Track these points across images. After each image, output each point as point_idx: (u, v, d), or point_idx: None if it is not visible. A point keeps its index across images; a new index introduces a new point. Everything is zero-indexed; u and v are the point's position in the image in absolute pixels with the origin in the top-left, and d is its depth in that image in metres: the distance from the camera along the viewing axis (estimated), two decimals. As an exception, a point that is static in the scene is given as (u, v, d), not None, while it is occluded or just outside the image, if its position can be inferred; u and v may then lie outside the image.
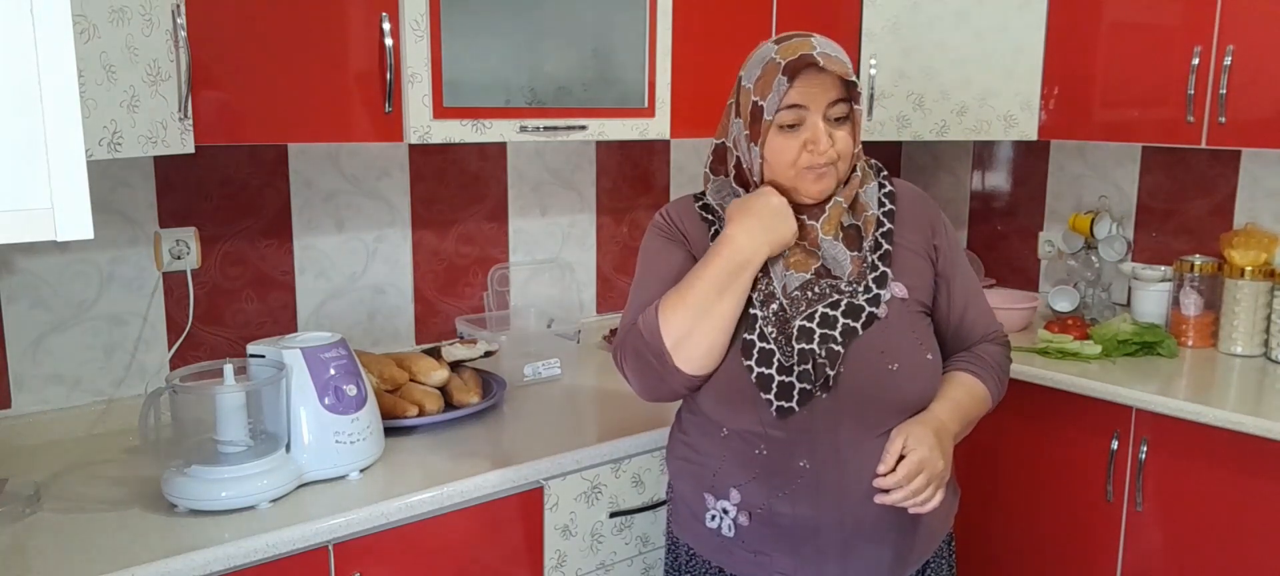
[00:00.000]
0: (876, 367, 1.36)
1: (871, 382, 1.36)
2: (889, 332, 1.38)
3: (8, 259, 1.76)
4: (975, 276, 1.54)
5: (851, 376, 1.36)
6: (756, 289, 1.38)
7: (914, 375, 1.39)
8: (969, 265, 1.52)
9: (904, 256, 1.43)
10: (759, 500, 1.40)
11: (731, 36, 2.24)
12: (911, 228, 1.45)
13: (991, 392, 1.48)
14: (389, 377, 1.86)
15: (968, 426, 1.46)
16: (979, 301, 1.51)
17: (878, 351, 1.37)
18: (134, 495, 1.55)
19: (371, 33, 1.74)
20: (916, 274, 1.43)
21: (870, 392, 1.36)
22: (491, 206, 2.36)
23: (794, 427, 1.37)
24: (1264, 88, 2.15)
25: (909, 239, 1.44)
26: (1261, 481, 1.98)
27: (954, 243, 1.50)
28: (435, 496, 1.58)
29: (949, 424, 1.39)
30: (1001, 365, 1.51)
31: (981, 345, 1.50)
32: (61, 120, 0.99)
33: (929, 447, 1.33)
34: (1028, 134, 2.54)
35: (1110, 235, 2.73)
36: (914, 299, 1.42)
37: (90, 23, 1.33)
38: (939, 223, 1.48)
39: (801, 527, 1.39)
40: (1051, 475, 2.32)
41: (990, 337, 1.52)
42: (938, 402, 1.41)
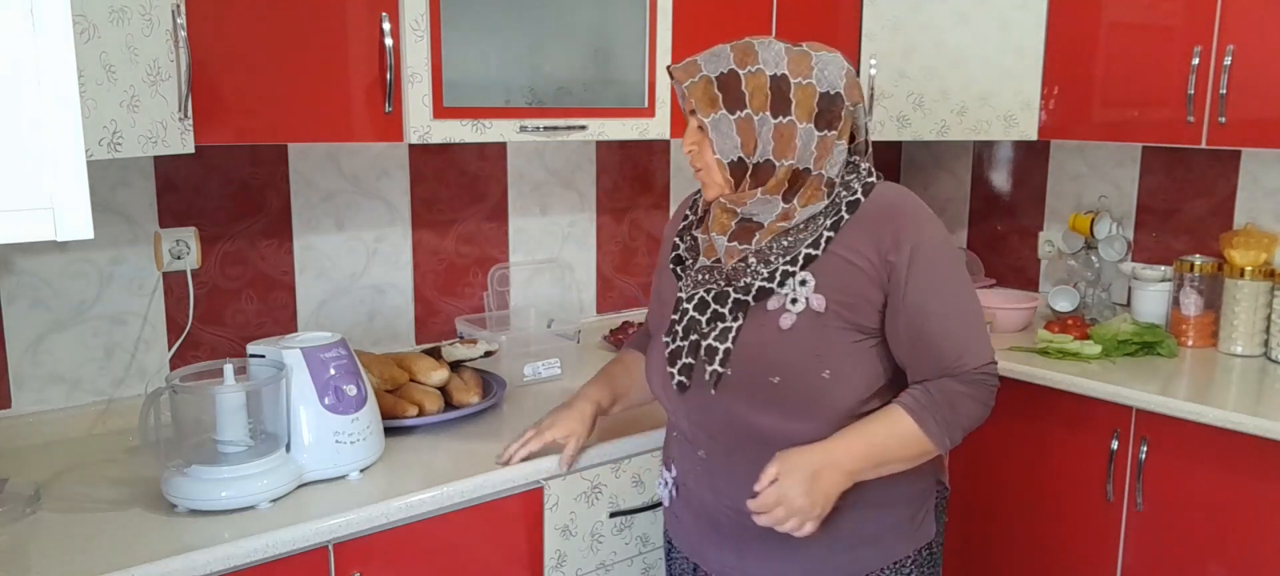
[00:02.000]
0: (760, 377, 1.37)
1: (754, 390, 1.38)
2: (784, 344, 1.36)
3: (8, 259, 1.76)
4: (960, 302, 1.38)
5: (737, 381, 1.39)
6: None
7: (798, 393, 1.36)
8: (952, 291, 1.38)
9: (838, 268, 1.36)
10: (681, 478, 1.53)
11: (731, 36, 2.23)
12: (862, 240, 1.36)
13: (929, 432, 1.35)
14: (389, 377, 1.86)
15: (882, 466, 1.37)
16: (946, 329, 1.36)
17: (765, 361, 1.37)
18: (134, 495, 1.55)
19: (371, 33, 1.74)
20: (850, 290, 1.35)
21: (753, 401, 1.39)
22: (491, 206, 2.36)
23: (694, 418, 1.46)
24: (1264, 88, 2.15)
25: (854, 251, 1.36)
26: (1261, 481, 1.98)
27: (922, 262, 1.35)
28: (435, 496, 1.58)
29: (842, 460, 1.34)
30: (954, 403, 1.36)
31: (942, 380, 1.37)
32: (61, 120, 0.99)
33: (795, 483, 1.33)
34: (1028, 134, 2.54)
35: (1110, 235, 2.73)
36: (835, 313, 1.35)
37: (90, 23, 1.33)
38: (904, 239, 1.35)
39: (706, 511, 1.49)
40: (1051, 475, 2.32)
41: (956, 371, 1.37)
42: (844, 435, 1.36)
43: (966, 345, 1.37)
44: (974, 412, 1.39)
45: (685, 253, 1.53)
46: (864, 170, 1.43)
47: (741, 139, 1.36)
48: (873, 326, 1.38)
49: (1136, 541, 2.19)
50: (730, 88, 1.35)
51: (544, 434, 1.67)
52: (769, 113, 1.35)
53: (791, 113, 1.35)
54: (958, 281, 1.40)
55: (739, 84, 1.35)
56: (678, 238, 1.56)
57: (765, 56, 1.36)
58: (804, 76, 1.36)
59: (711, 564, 1.52)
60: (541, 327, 2.29)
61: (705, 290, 1.43)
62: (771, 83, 1.35)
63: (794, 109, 1.35)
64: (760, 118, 1.35)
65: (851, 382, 1.37)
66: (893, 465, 1.38)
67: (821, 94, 1.36)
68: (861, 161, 1.45)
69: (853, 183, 1.41)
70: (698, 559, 1.55)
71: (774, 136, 1.35)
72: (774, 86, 1.35)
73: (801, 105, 1.35)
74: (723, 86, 1.36)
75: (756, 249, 1.39)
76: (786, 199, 1.38)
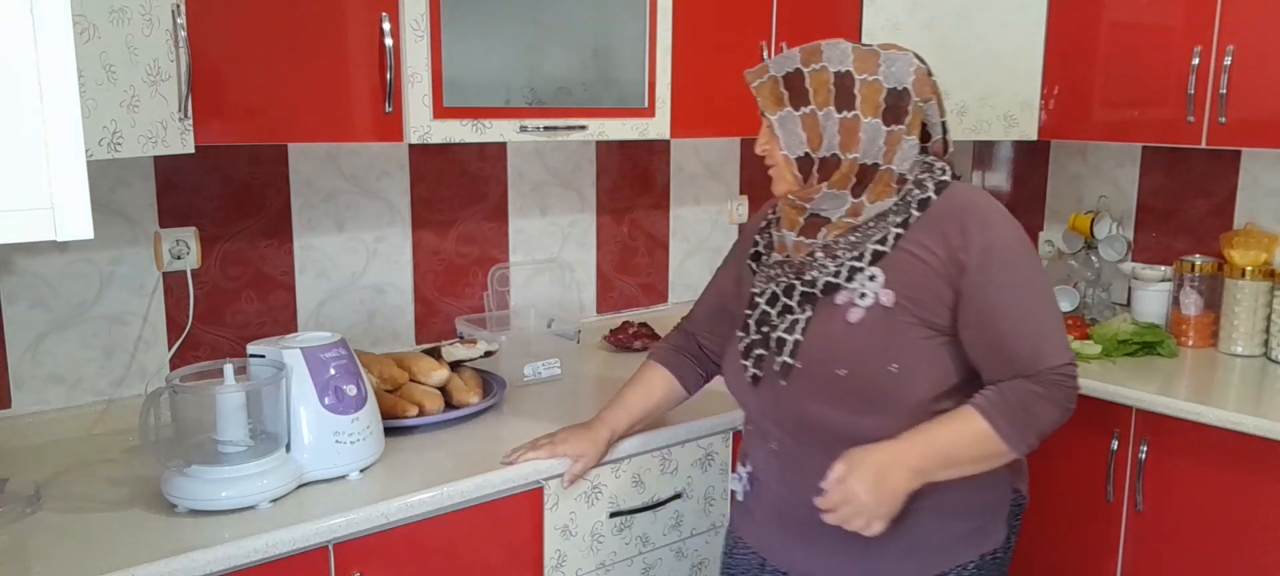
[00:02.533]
0: (827, 370, 1.39)
1: (821, 383, 1.40)
2: (852, 338, 1.38)
3: (8, 259, 1.76)
4: (1034, 301, 1.37)
5: (805, 373, 1.42)
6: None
7: (865, 385, 1.37)
8: (1027, 290, 1.37)
9: (907, 264, 1.38)
10: (756, 472, 1.56)
11: (731, 37, 2.24)
12: (932, 237, 1.37)
13: (1001, 433, 1.34)
14: (389, 377, 1.86)
15: (952, 466, 1.36)
16: (1020, 330, 1.35)
17: (833, 354, 1.39)
18: (134, 495, 1.55)
19: (371, 33, 1.74)
20: (920, 286, 1.36)
21: (822, 393, 1.41)
22: (491, 206, 2.36)
23: (767, 410, 1.49)
24: (1264, 88, 2.15)
25: (924, 248, 1.37)
26: (1261, 481, 1.98)
27: (995, 262, 1.35)
28: (435, 496, 1.58)
29: (908, 459, 1.34)
30: (1029, 404, 1.35)
31: (1016, 381, 1.36)
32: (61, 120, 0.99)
33: (860, 481, 1.32)
34: (1028, 134, 2.54)
35: (1110, 235, 2.73)
36: (904, 308, 1.36)
37: (90, 23, 1.33)
38: (973, 236, 1.35)
39: (778, 505, 1.52)
40: (1051, 475, 2.32)
41: (1031, 372, 1.35)
42: (912, 434, 1.35)
43: (1042, 345, 1.36)
44: (1051, 415, 1.37)
45: (763, 249, 1.57)
46: (938, 169, 1.44)
47: (806, 134, 1.39)
48: (943, 324, 1.38)
49: (1136, 541, 2.19)
50: (795, 85, 1.39)
51: (557, 448, 1.69)
52: (833, 107, 1.38)
53: (856, 107, 1.37)
54: (1033, 281, 1.38)
55: (803, 81, 1.39)
56: (758, 235, 1.60)
57: (831, 55, 1.39)
58: (870, 73, 1.38)
59: (780, 558, 1.54)
60: (541, 327, 2.29)
61: (776, 284, 1.47)
62: (835, 78, 1.38)
63: (859, 104, 1.37)
64: (825, 113, 1.38)
65: (919, 378, 1.37)
66: (964, 466, 1.37)
67: (889, 90, 1.38)
68: (936, 161, 1.45)
69: (925, 181, 1.41)
70: (767, 553, 1.56)
71: (839, 130, 1.38)
72: (838, 82, 1.38)
73: (867, 100, 1.37)
74: (788, 84, 1.40)
75: (824, 244, 1.42)
76: (855, 194, 1.40)
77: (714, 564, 2.01)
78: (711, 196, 2.77)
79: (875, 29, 2.53)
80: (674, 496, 1.91)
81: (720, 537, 2.01)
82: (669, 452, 1.88)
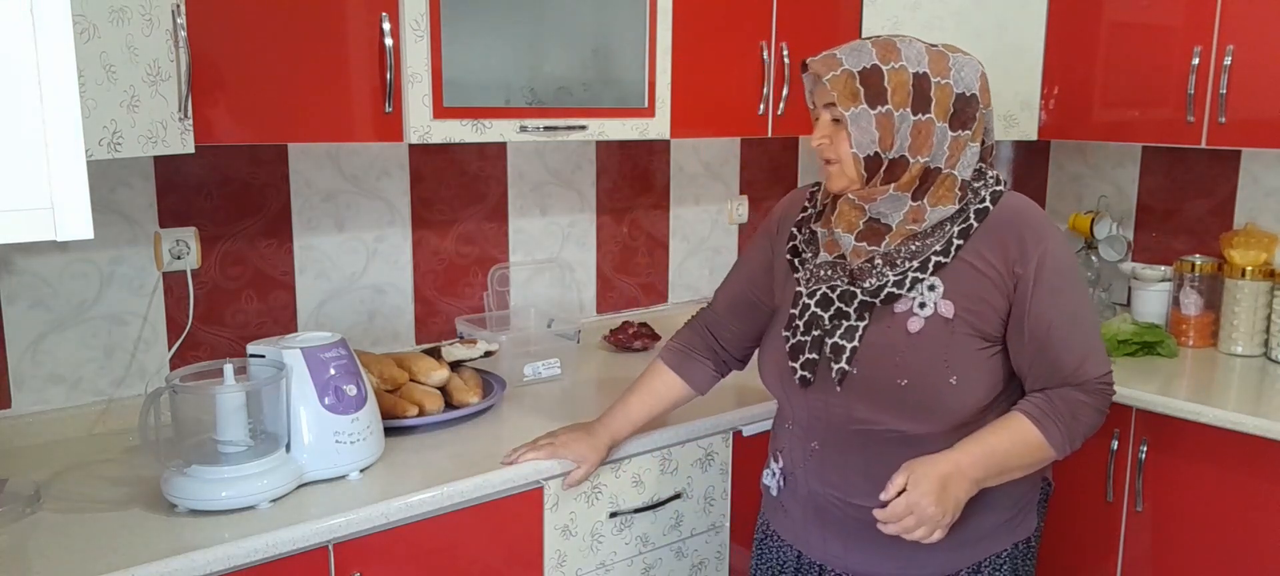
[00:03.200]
0: (887, 379, 1.40)
1: (880, 391, 1.41)
2: (914, 347, 1.38)
3: (8, 259, 1.76)
4: (1081, 313, 1.40)
5: (863, 379, 1.41)
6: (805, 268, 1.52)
7: (925, 396, 1.39)
8: (1073, 301, 1.40)
9: (966, 275, 1.38)
10: (791, 468, 1.56)
11: (731, 36, 2.24)
12: (991, 248, 1.38)
13: (1051, 439, 1.38)
14: (389, 377, 1.86)
15: (1005, 473, 1.39)
16: (1069, 340, 1.38)
17: (893, 363, 1.39)
18: (134, 495, 1.55)
19: (371, 33, 1.74)
20: (977, 298, 1.38)
21: (877, 401, 1.41)
22: (491, 206, 2.36)
23: (815, 412, 1.48)
24: (1264, 88, 2.15)
25: (982, 259, 1.38)
26: (1261, 481, 1.98)
27: (1047, 274, 1.37)
28: (435, 496, 1.58)
29: (968, 469, 1.35)
30: (1075, 412, 1.39)
31: (1062, 388, 1.39)
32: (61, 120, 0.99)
33: (925, 492, 1.33)
34: (1028, 134, 2.54)
35: (1110, 235, 2.73)
36: (962, 320, 1.38)
37: (90, 23, 1.33)
38: (1030, 250, 1.37)
39: (815, 501, 1.53)
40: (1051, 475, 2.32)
41: (1077, 380, 1.39)
42: (969, 443, 1.37)
43: (1087, 355, 1.40)
44: (1093, 421, 1.42)
45: (802, 245, 1.54)
46: (991, 177, 1.45)
47: (880, 133, 1.37)
48: (997, 334, 1.40)
49: (1136, 541, 2.19)
50: (872, 82, 1.36)
51: (558, 450, 1.69)
52: (909, 109, 1.36)
53: (931, 111, 1.37)
54: (1079, 293, 1.42)
55: (882, 79, 1.36)
56: (795, 228, 1.57)
57: (908, 54, 1.38)
58: (943, 76, 1.38)
59: (816, 552, 1.56)
60: (541, 327, 2.29)
61: (828, 287, 1.45)
62: (914, 80, 1.36)
63: (933, 107, 1.37)
64: (901, 114, 1.36)
65: (975, 388, 1.39)
66: (1014, 471, 1.40)
67: (958, 95, 1.38)
68: (988, 169, 1.46)
69: (981, 190, 1.42)
70: (802, 547, 1.58)
71: (912, 133, 1.37)
72: (916, 83, 1.36)
73: (939, 104, 1.37)
74: (865, 81, 1.36)
75: (884, 251, 1.41)
76: (915, 197, 1.40)
77: (715, 563, 2.01)
78: (711, 196, 2.77)
79: (875, 29, 2.52)
80: (674, 496, 1.91)
81: (721, 537, 2.01)
82: (669, 453, 1.88)
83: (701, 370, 1.73)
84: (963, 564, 1.48)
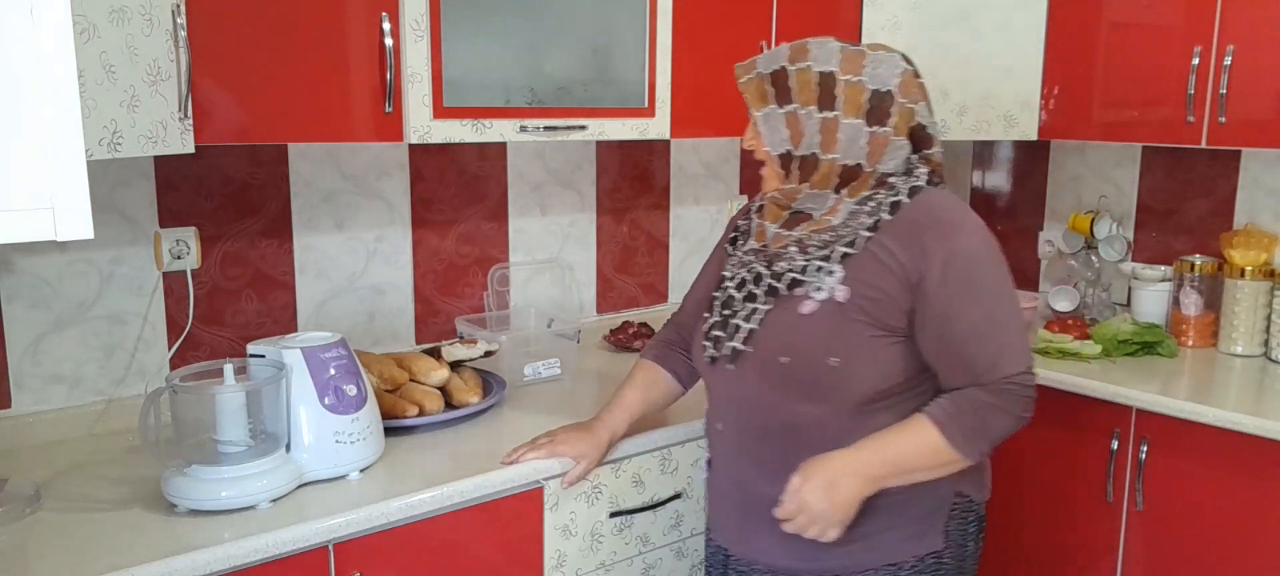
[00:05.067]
0: (772, 357, 1.43)
1: (766, 369, 1.44)
2: (801, 328, 1.41)
3: (8, 259, 1.76)
4: (991, 310, 1.37)
5: (754, 358, 1.45)
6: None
7: (804, 375, 1.40)
8: (983, 300, 1.37)
9: (869, 265, 1.39)
10: (710, 453, 1.62)
11: (731, 36, 2.24)
12: (898, 243, 1.38)
13: (951, 440, 1.36)
14: (389, 377, 1.86)
15: (906, 473, 1.39)
16: (975, 339, 1.36)
17: (781, 342, 1.43)
18: (134, 495, 1.55)
19: (371, 33, 1.74)
20: (876, 287, 1.38)
21: (765, 379, 1.44)
22: (491, 206, 2.36)
23: (718, 391, 1.54)
24: (1264, 88, 2.15)
25: (888, 252, 1.39)
26: (1261, 481, 1.98)
27: (953, 273, 1.36)
28: (435, 496, 1.58)
29: (862, 467, 1.37)
30: (981, 413, 1.36)
31: (971, 389, 1.38)
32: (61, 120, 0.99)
33: (813, 488, 1.36)
34: (1028, 134, 2.54)
35: (1110, 235, 2.73)
36: (856, 305, 1.38)
37: (90, 23, 1.33)
38: (933, 248, 1.37)
39: (720, 485, 1.58)
40: (1051, 475, 2.32)
41: (985, 380, 1.37)
42: (867, 441, 1.38)
43: (996, 354, 1.37)
44: (1002, 423, 1.38)
45: (740, 236, 1.60)
46: (918, 173, 1.45)
47: (789, 132, 1.42)
48: (897, 326, 1.39)
49: (1136, 541, 2.19)
50: (780, 83, 1.43)
51: (557, 448, 1.70)
52: (816, 107, 1.40)
53: (837, 108, 1.40)
54: (992, 290, 1.39)
55: (788, 79, 1.42)
56: (740, 221, 1.64)
57: (817, 54, 1.41)
58: (854, 74, 1.40)
59: (722, 536, 1.60)
60: (541, 327, 2.29)
61: (747, 271, 1.50)
62: (819, 78, 1.40)
63: (840, 104, 1.39)
64: (806, 112, 1.41)
65: (860, 373, 1.39)
66: (918, 473, 1.40)
67: (872, 92, 1.40)
68: (920, 165, 1.46)
69: (900, 184, 1.43)
70: (715, 531, 1.62)
71: (820, 130, 1.41)
72: (821, 82, 1.40)
73: (849, 102, 1.39)
74: (774, 82, 1.43)
75: (798, 238, 1.44)
76: (837, 193, 1.43)
77: (714, 564, 2.01)
78: (711, 196, 2.77)
79: (875, 29, 2.53)
80: (674, 496, 1.91)
81: (720, 537, 2.01)
82: (669, 452, 1.88)
83: (683, 365, 1.77)
84: (859, 567, 1.46)
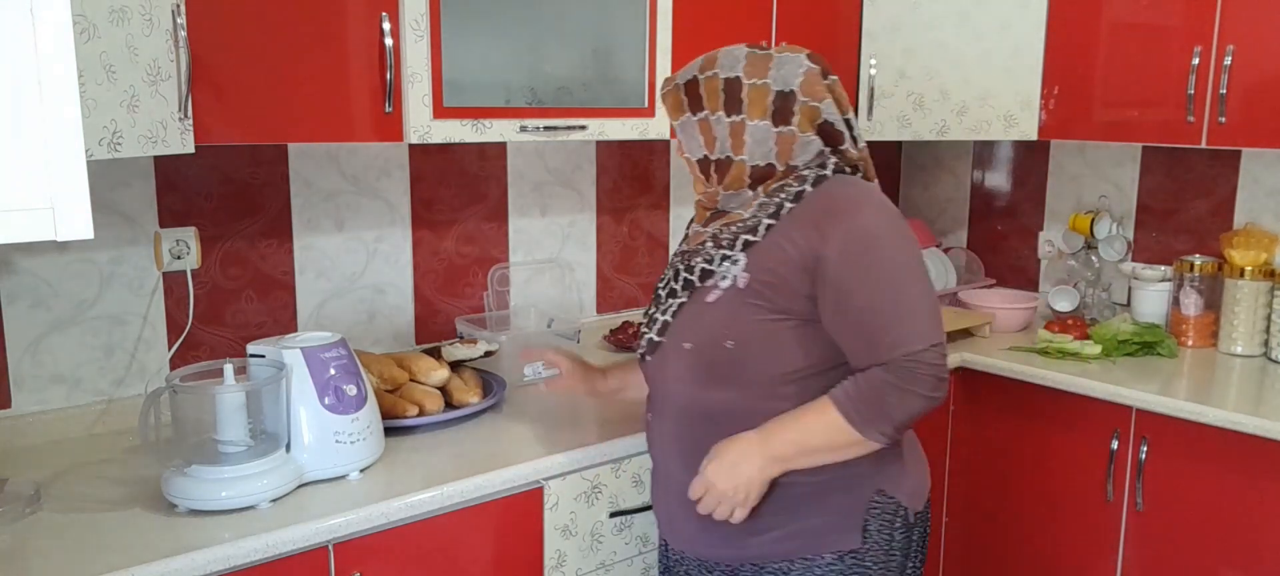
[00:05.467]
0: (678, 345, 1.48)
1: (672, 357, 1.49)
2: (703, 315, 1.46)
3: (8, 259, 1.76)
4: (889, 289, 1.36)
5: (666, 347, 1.50)
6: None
7: (702, 357, 1.45)
8: (881, 278, 1.36)
9: (771, 252, 1.40)
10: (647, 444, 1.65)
11: (731, 37, 2.23)
12: (799, 230, 1.39)
13: (849, 419, 1.36)
14: (389, 377, 1.86)
15: (810, 452, 1.39)
16: (874, 319, 1.36)
17: (688, 329, 1.47)
18: (134, 495, 1.55)
19: (371, 33, 1.74)
20: (776, 273, 1.39)
21: (673, 367, 1.49)
22: (491, 206, 2.36)
23: (649, 384, 1.58)
24: (1264, 88, 2.15)
25: (789, 239, 1.39)
26: (1261, 481, 1.98)
27: (850, 253, 1.36)
28: (435, 496, 1.58)
29: (763, 447, 1.40)
30: (879, 392, 1.35)
31: (871, 369, 1.36)
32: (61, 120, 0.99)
33: (717, 470, 1.41)
34: (1028, 134, 2.54)
35: (1110, 235, 2.73)
36: (754, 290, 1.40)
37: (90, 23, 1.33)
38: (830, 231, 1.37)
39: (656, 474, 1.62)
40: (1051, 475, 2.32)
41: (885, 360, 1.35)
42: (772, 423, 1.41)
43: (895, 333, 1.35)
44: (905, 404, 1.35)
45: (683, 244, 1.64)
46: (830, 165, 1.46)
47: (702, 138, 1.48)
48: (798, 310, 1.40)
49: (1136, 541, 2.19)
50: (692, 93, 1.49)
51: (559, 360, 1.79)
52: (724, 112, 1.46)
53: (743, 111, 1.44)
54: (892, 269, 1.37)
55: (698, 88, 1.48)
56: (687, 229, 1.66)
57: (723, 61, 1.47)
58: (759, 77, 1.44)
59: (661, 528, 1.64)
60: (542, 327, 2.29)
61: (671, 270, 1.56)
62: (725, 84, 1.45)
63: (746, 108, 1.44)
64: (716, 117, 1.46)
65: (758, 356, 1.42)
66: (822, 454, 1.40)
67: (776, 93, 1.44)
68: (831, 157, 1.46)
69: (807, 175, 1.45)
70: (657, 523, 1.66)
71: (730, 133, 1.46)
72: (727, 88, 1.45)
73: (755, 104, 1.44)
74: (687, 92, 1.50)
75: (712, 233, 1.49)
76: (754, 191, 1.47)
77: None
78: (711, 196, 2.77)
79: (875, 29, 2.53)
80: (674, 496, 1.91)
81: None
82: (669, 452, 1.88)
83: None
84: (775, 557, 1.47)
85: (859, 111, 2.59)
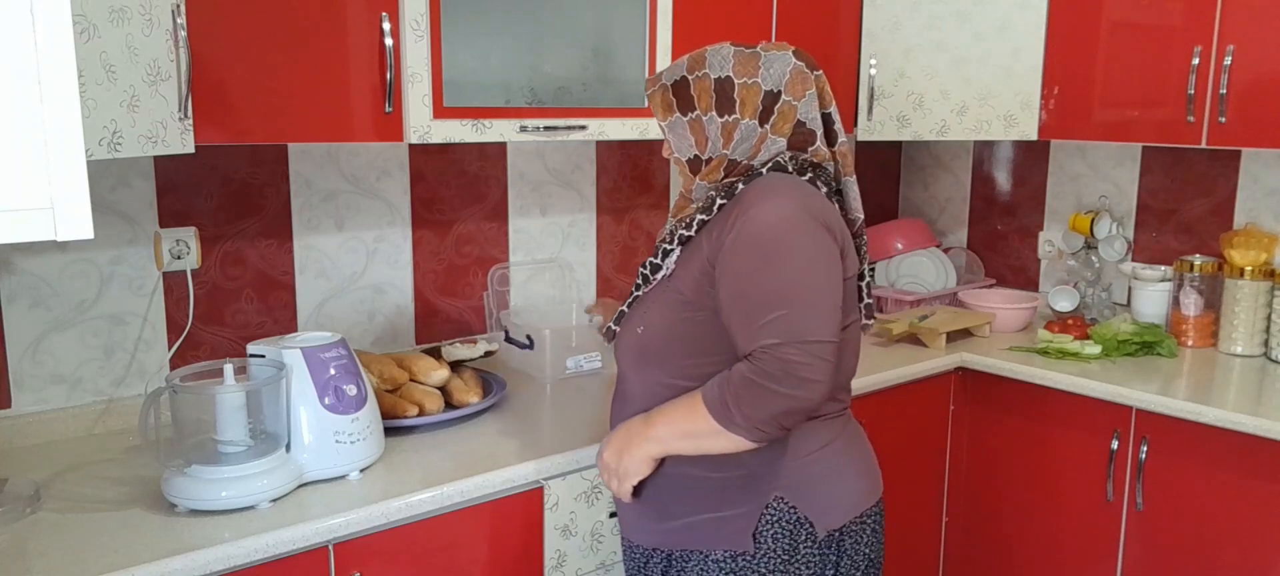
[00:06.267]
0: (631, 328, 1.53)
1: (624, 339, 1.54)
2: (638, 305, 1.52)
3: (8, 259, 1.76)
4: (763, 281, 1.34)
5: (621, 331, 1.56)
6: None
7: (624, 342, 1.53)
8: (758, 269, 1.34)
9: (696, 246, 1.45)
10: None
11: (731, 36, 2.23)
12: (717, 226, 1.41)
13: (710, 407, 1.35)
14: (389, 377, 1.86)
15: (686, 437, 1.40)
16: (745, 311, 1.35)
17: (636, 315, 1.53)
18: (134, 495, 1.55)
19: (371, 33, 1.74)
20: (693, 265, 1.44)
21: (621, 348, 1.56)
22: (491, 206, 2.36)
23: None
24: (1264, 88, 2.15)
25: (708, 233, 1.43)
26: (1261, 481, 1.98)
27: (737, 246, 1.35)
28: (435, 496, 1.58)
29: (646, 428, 1.45)
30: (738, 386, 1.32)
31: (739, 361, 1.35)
32: (61, 120, 0.99)
33: (609, 448, 1.50)
34: (1028, 134, 2.54)
35: (1110, 235, 2.73)
36: (673, 282, 1.46)
37: (90, 23, 1.33)
38: (729, 227, 1.37)
39: None
40: (1051, 475, 2.33)
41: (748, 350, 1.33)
42: (657, 409, 1.46)
43: (760, 327, 1.32)
44: (759, 398, 1.31)
45: None
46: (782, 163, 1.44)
47: (694, 138, 1.48)
48: (704, 302, 1.42)
49: (1136, 541, 2.19)
50: (682, 93, 1.48)
51: None
52: (716, 112, 1.45)
53: (736, 111, 1.44)
54: (773, 262, 1.34)
55: (689, 88, 1.47)
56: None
57: (712, 61, 1.46)
58: (750, 76, 1.44)
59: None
60: (583, 321, 2.30)
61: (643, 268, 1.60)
62: (716, 84, 1.45)
63: (738, 107, 1.44)
64: (708, 117, 1.46)
65: (665, 341, 1.46)
66: (693, 439, 1.40)
67: (766, 92, 1.44)
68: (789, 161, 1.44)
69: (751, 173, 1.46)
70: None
71: (722, 133, 1.46)
72: (718, 88, 1.45)
73: (746, 104, 1.44)
74: (676, 93, 1.49)
75: (670, 229, 1.52)
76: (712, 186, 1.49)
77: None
78: (711, 196, 2.77)
79: (875, 29, 2.53)
80: (674, 496, 1.91)
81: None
82: (669, 452, 1.88)
83: None
84: (675, 546, 1.49)
85: (859, 111, 2.59)
